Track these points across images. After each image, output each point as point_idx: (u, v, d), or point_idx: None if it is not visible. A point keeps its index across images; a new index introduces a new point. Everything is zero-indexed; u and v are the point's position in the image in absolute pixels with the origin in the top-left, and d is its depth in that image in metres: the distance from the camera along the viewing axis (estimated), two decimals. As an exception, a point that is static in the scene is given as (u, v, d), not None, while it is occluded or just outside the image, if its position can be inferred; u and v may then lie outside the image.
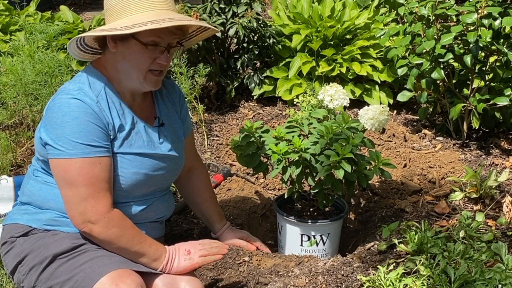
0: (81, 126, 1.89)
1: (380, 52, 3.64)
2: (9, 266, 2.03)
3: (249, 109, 3.67)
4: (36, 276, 1.93)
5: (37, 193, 2.04)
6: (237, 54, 3.65)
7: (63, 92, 1.94)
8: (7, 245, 2.04)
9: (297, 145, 2.20)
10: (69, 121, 1.88)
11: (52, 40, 3.29)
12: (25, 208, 2.06)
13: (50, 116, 1.92)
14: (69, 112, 1.89)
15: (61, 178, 1.92)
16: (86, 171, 1.89)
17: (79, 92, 1.92)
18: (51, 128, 1.90)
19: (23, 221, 2.03)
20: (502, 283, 1.98)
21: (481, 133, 3.38)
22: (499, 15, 2.88)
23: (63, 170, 1.90)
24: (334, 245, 2.45)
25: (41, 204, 2.03)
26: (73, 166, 1.88)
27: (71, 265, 1.90)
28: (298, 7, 3.90)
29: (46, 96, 2.96)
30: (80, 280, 1.85)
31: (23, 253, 1.98)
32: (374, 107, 2.23)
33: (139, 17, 1.92)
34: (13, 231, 2.03)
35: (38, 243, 1.97)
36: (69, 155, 1.88)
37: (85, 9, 6.02)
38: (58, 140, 1.88)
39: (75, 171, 1.88)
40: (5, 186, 2.50)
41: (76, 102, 1.90)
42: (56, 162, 1.91)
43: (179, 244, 2.05)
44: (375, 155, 2.29)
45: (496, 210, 2.63)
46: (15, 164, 3.06)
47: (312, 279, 2.14)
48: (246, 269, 2.29)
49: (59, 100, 1.92)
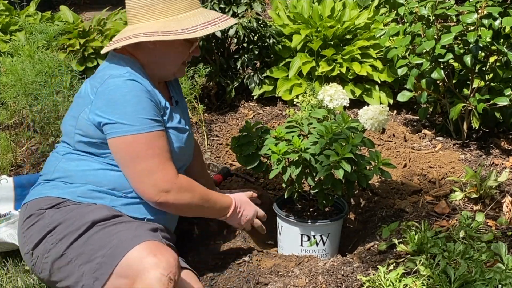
0: (144, 103, 1.99)
1: (380, 52, 3.64)
2: (33, 239, 2.01)
3: (249, 109, 3.67)
4: (68, 244, 1.93)
5: (73, 169, 2.08)
6: (237, 54, 3.65)
7: (113, 76, 2.02)
8: (32, 218, 2.04)
9: (297, 145, 2.20)
10: (130, 99, 1.98)
11: (52, 40, 3.30)
12: (54, 184, 2.09)
13: (108, 98, 1.99)
14: (129, 91, 1.99)
15: (128, 155, 2.00)
16: (154, 143, 2.00)
17: (130, 74, 2.03)
18: (112, 109, 1.97)
19: (54, 194, 2.06)
20: (502, 283, 1.98)
21: (481, 133, 3.38)
22: (499, 15, 2.88)
23: (131, 146, 1.98)
24: (334, 245, 2.44)
25: (77, 179, 2.07)
26: (142, 140, 1.98)
27: (108, 232, 1.93)
28: (298, 7, 3.90)
29: (46, 96, 2.96)
30: (114, 246, 1.87)
31: (54, 223, 1.99)
32: (373, 107, 2.23)
33: (189, 18, 2.04)
34: (41, 204, 2.05)
35: (71, 213, 2.00)
36: (137, 130, 1.97)
37: (85, 9, 6.02)
38: (123, 119, 1.96)
39: (144, 145, 1.98)
40: (5, 186, 2.50)
41: (132, 83, 2.01)
42: (121, 140, 1.98)
43: (235, 196, 2.29)
44: (375, 155, 2.29)
45: (496, 210, 2.63)
46: (15, 164, 3.06)
47: (312, 279, 2.14)
48: (246, 269, 2.29)
49: (113, 83, 2.00)
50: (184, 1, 2.06)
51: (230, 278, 2.23)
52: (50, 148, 3.07)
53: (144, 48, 2.09)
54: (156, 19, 2.04)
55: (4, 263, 2.35)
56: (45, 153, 3.09)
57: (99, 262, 1.87)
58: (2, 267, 2.34)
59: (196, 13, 2.08)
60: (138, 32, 2.03)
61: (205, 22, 2.03)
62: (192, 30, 2.00)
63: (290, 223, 2.39)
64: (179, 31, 1.99)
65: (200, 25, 2.02)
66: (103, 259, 1.87)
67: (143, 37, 2.01)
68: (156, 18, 2.04)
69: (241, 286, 2.18)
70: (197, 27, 2.01)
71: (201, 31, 2.01)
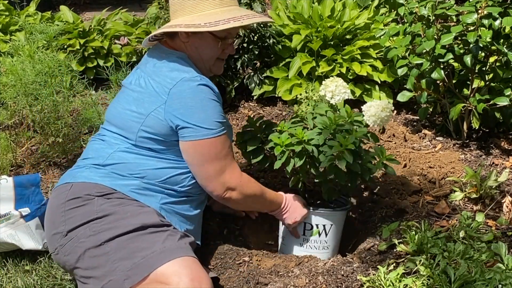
0: (217, 107, 2.15)
1: (380, 52, 3.64)
2: (75, 221, 2.04)
3: (249, 109, 3.67)
4: (111, 237, 1.97)
5: (130, 160, 2.15)
6: (237, 54, 3.65)
7: (186, 80, 2.12)
8: (79, 201, 2.07)
9: (300, 136, 2.22)
10: (207, 104, 2.12)
11: (52, 40, 3.29)
12: (106, 173, 2.13)
13: (186, 102, 2.10)
14: (205, 97, 2.13)
15: (203, 156, 2.13)
16: (225, 145, 2.16)
17: (202, 79, 2.15)
18: (191, 113, 2.10)
19: (106, 183, 2.10)
20: (502, 283, 1.98)
21: (481, 133, 3.37)
22: (499, 15, 2.88)
23: (208, 148, 2.12)
24: (336, 239, 2.45)
25: (131, 169, 2.13)
26: (218, 142, 2.13)
27: (153, 237, 1.98)
28: (298, 7, 3.90)
29: (46, 96, 2.96)
30: (157, 252, 1.91)
31: (102, 213, 2.02)
32: (377, 103, 2.23)
33: (217, 14, 2.14)
34: (91, 190, 2.08)
35: (124, 208, 2.04)
36: (214, 134, 2.12)
37: (85, 9, 6.01)
38: (203, 123, 2.10)
39: (219, 146, 2.14)
40: (5, 186, 2.51)
41: (205, 88, 2.14)
42: (199, 143, 2.11)
43: (288, 197, 2.40)
44: (380, 151, 2.30)
45: (496, 210, 2.63)
46: (15, 164, 3.06)
47: (312, 279, 2.14)
48: (246, 269, 2.29)
49: (188, 86, 2.11)
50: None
51: (230, 278, 2.23)
52: (50, 148, 3.08)
53: (181, 43, 2.22)
54: (188, 15, 2.16)
55: (4, 263, 2.35)
56: (45, 153, 3.09)
57: (137, 262, 1.90)
58: (2, 267, 2.34)
59: (226, 10, 2.17)
60: (169, 25, 2.17)
61: (229, 18, 2.12)
62: (214, 24, 2.09)
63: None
64: (201, 24, 2.10)
65: (223, 20, 2.10)
66: (142, 261, 1.89)
67: (166, 28, 2.17)
68: (188, 14, 2.16)
69: (241, 286, 2.18)
70: (219, 22, 2.09)
71: (222, 25, 2.09)
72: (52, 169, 3.04)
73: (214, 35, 2.19)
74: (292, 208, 2.38)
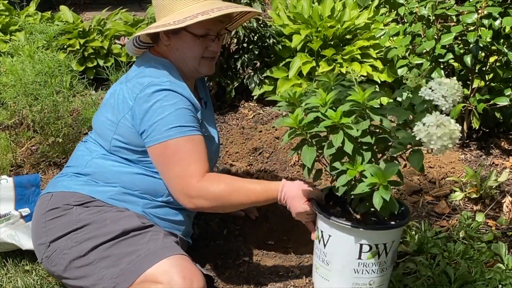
0: (180, 113, 1.99)
1: (380, 52, 3.64)
2: (55, 232, 2.01)
3: (249, 109, 3.67)
4: (94, 246, 1.93)
5: (108, 168, 2.08)
6: (237, 54, 3.65)
7: (153, 84, 2.02)
8: (58, 211, 2.03)
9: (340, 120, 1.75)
10: (167, 109, 1.98)
11: (52, 40, 3.29)
12: (85, 180, 2.08)
13: (146, 106, 1.99)
14: (167, 102, 1.99)
15: (161, 161, 1.99)
16: (186, 147, 1.97)
17: (171, 84, 2.03)
18: (148, 117, 1.98)
19: (85, 192, 2.05)
20: (502, 283, 1.98)
21: (481, 133, 3.37)
22: (499, 15, 2.88)
23: (161, 152, 1.98)
24: (394, 255, 1.93)
25: (109, 178, 2.07)
26: (173, 144, 1.97)
27: (137, 240, 1.93)
28: (298, 7, 3.90)
29: (46, 96, 2.96)
30: (142, 256, 1.87)
31: (82, 222, 1.98)
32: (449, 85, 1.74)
33: (188, 11, 2.03)
34: (69, 199, 2.04)
35: (102, 215, 1.99)
36: (167, 137, 1.97)
37: (85, 9, 6.01)
38: (161, 126, 1.96)
39: (173, 149, 1.96)
40: (5, 186, 2.51)
41: (170, 93, 2.01)
42: (154, 147, 1.98)
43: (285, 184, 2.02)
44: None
45: (496, 210, 2.63)
46: (15, 164, 3.06)
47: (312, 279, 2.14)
48: (246, 269, 2.29)
49: (152, 91, 2.01)
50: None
51: (230, 278, 2.23)
52: (50, 148, 3.08)
53: (164, 47, 2.14)
54: (167, 15, 2.08)
55: (4, 263, 2.35)
56: (45, 153, 3.09)
57: (123, 268, 1.87)
58: (2, 267, 2.33)
59: (200, 5, 2.04)
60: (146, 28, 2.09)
61: (198, 13, 1.99)
62: (182, 21, 1.98)
63: (345, 230, 1.82)
64: (170, 23, 2.00)
65: (191, 16, 1.98)
66: (129, 266, 1.87)
67: (139, 33, 2.09)
68: (167, 14, 2.08)
69: (241, 286, 2.18)
70: (187, 18, 1.98)
71: (189, 21, 1.97)
72: (52, 169, 3.04)
73: (192, 34, 2.07)
74: (289, 200, 1.99)
